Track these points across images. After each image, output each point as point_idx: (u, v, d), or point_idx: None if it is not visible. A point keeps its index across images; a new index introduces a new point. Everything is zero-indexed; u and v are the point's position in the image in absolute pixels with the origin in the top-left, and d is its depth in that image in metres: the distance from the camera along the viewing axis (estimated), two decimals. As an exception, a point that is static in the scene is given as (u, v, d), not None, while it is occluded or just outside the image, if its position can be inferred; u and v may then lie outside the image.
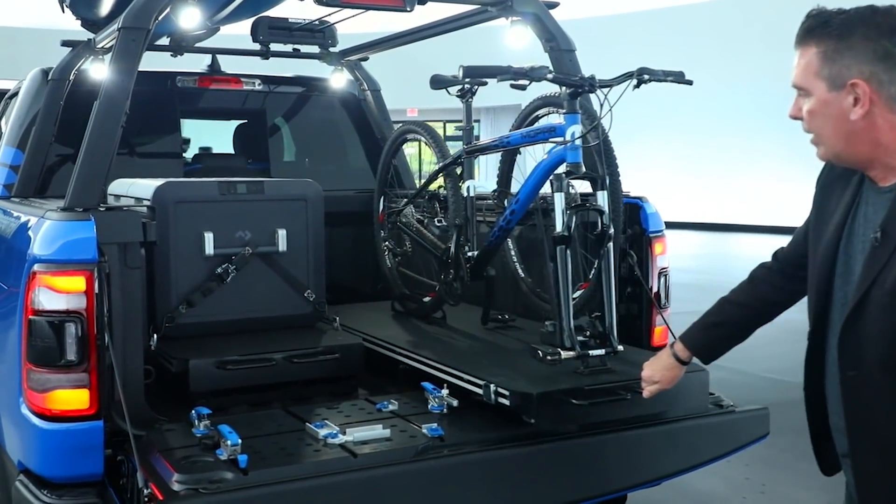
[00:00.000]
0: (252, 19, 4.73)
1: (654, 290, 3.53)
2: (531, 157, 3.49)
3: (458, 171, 3.80)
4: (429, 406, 3.07)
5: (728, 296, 2.46)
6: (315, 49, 5.15)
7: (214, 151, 5.64)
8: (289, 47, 5.09)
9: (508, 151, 3.84)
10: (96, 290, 2.78)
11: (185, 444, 2.75)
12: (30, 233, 2.95)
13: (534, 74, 3.01)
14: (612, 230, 3.00)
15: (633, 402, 2.79)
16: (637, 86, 2.96)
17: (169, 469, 2.57)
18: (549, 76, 3.05)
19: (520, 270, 3.86)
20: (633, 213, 3.53)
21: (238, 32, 5.00)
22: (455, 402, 3.02)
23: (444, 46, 5.51)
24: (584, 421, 2.81)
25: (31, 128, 4.37)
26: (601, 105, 2.91)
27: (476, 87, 3.71)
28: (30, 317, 2.75)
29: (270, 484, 2.50)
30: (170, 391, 3.32)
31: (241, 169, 5.14)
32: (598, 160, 3.09)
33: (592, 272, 3.13)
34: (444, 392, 3.05)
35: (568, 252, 2.93)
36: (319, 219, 3.80)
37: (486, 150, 3.81)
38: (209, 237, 3.57)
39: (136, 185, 3.79)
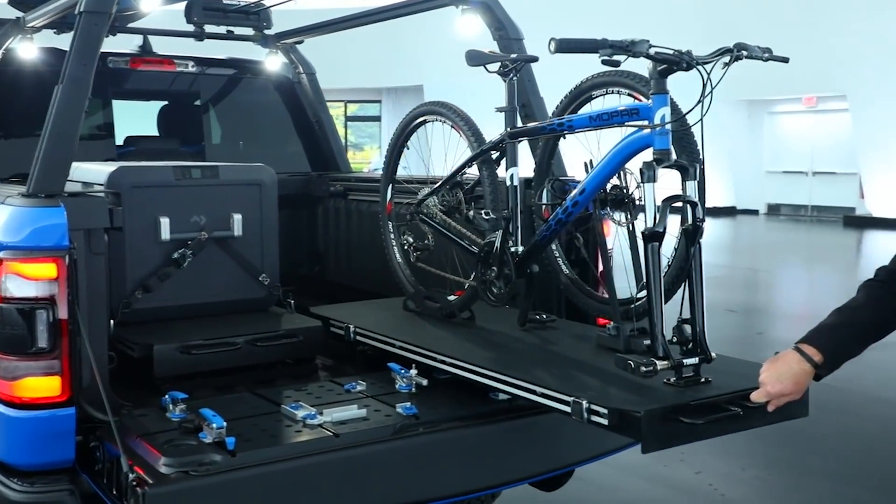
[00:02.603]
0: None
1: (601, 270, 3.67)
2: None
3: (494, 156, 3.48)
4: (396, 386, 3.17)
5: (848, 303, 2.32)
6: (250, 31, 5.13)
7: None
8: (223, 29, 5.05)
9: (550, 137, 3.42)
10: (67, 277, 2.77)
11: (164, 429, 2.78)
12: (-11, 218, 2.90)
13: (635, 48, 2.66)
14: (703, 225, 2.72)
15: (745, 417, 2.48)
16: (730, 62, 2.67)
17: (153, 453, 2.60)
18: (652, 51, 2.70)
19: (563, 265, 3.46)
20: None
21: (171, 12, 4.94)
22: (425, 382, 3.13)
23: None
24: (692, 440, 2.54)
25: None
26: (704, 83, 2.61)
27: (522, 64, 3.43)
28: None
29: (259, 465, 2.56)
30: (131, 377, 3.31)
31: (175, 152, 5.09)
32: (682, 147, 2.78)
33: (666, 270, 2.82)
34: (413, 372, 3.15)
35: (661, 250, 2.66)
36: (273, 203, 3.84)
37: (534, 133, 3.41)
38: (165, 222, 3.57)
39: (82, 170, 3.73)
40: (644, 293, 2.87)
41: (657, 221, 2.64)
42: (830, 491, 4.97)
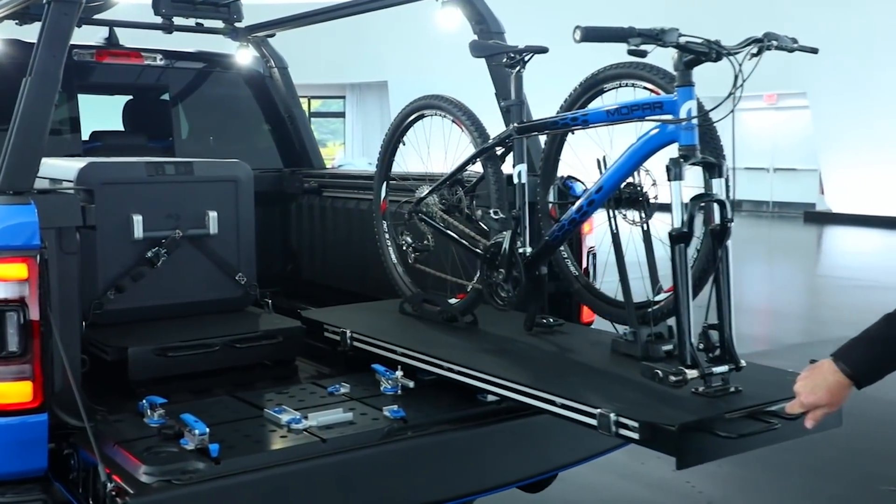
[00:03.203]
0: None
1: (584, 267, 3.62)
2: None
3: (499, 153, 3.34)
4: (381, 388, 3.09)
5: (890, 314, 2.14)
6: (220, 24, 5.01)
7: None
8: (193, 22, 4.92)
9: (558, 133, 3.27)
10: (39, 277, 2.65)
11: (142, 435, 2.68)
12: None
13: (665, 38, 2.52)
14: (731, 226, 2.59)
15: (783, 431, 2.35)
16: (758, 53, 2.56)
17: (132, 461, 2.50)
18: (682, 40, 2.57)
19: (572, 267, 3.31)
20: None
21: (138, 3, 4.81)
22: (411, 384, 3.05)
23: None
24: (727, 454, 2.41)
25: None
26: (736, 75, 2.50)
27: (530, 56, 3.24)
28: None
29: (244, 472, 2.47)
30: (103, 381, 3.20)
31: (143, 147, 4.96)
32: (705, 142, 2.66)
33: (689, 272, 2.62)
34: (399, 374, 3.07)
35: (688, 251, 2.53)
36: (250, 200, 3.74)
37: (543, 128, 3.24)
38: (138, 220, 3.45)
39: (49, 166, 3.58)
40: (661, 296, 2.80)
41: (685, 221, 2.51)
42: (808, 487, 4.98)
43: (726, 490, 4.97)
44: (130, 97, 5.27)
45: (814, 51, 2.70)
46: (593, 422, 2.38)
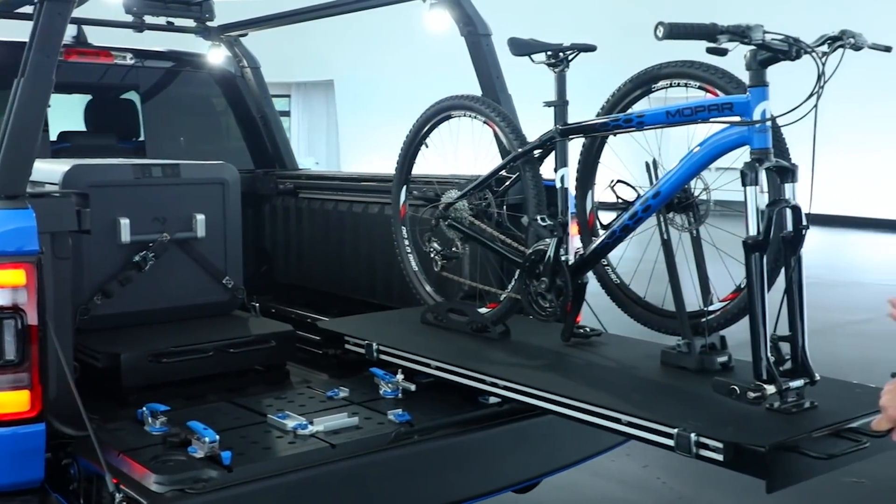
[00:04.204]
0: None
1: None
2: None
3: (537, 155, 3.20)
4: (381, 391, 3.08)
5: None
6: (192, 23, 4.94)
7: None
8: (164, 20, 4.84)
9: (598, 137, 3.12)
10: (37, 283, 2.59)
11: (146, 444, 2.63)
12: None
13: (752, 34, 2.41)
14: (806, 233, 2.48)
15: (870, 449, 2.22)
16: (833, 50, 2.44)
17: (140, 470, 2.46)
18: (768, 37, 2.43)
19: (613, 275, 3.14)
20: (551, 196, 3.64)
21: (107, 2, 4.71)
22: (412, 387, 3.04)
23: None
24: (816, 475, 2.25)
25: None
26: (820, 73, 2.38)
27: (574, 54, 3.07)
28: None
29: (258, 480, 2.45)
30: (93, 388, 3.13)
31: (113, 148, 4.87)
32: (776, 146, 2.54)
33: (744, 280, 2.56)
34: (399, 377, 3.06)
35: (764, 261, 2.42)
36: (237, 203, 3.70)
37: (590, 130, 3.05)
38: (125, 223, 3.40)
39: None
40: (716, 306, 2.74)
41: (761, 229, 2.39)
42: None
43: (695, 485, 5.05)
44: (99, 97, 5.16)
45: (887, 49, 2.55)
46: (670, 442, 2.25)
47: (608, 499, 4.88)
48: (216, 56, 5.08)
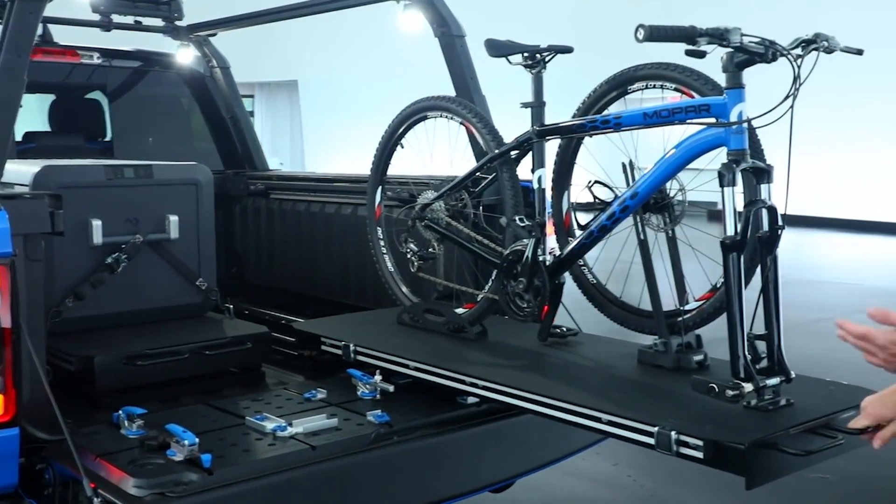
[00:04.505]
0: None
1: None
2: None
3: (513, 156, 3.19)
4: (359, 392, 3.08)
5: None
6: (160, 22, 4.89)
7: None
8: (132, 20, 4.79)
9: (574, 138, 3.14)
10: (11, 286, 2.56)
11: (123, 448, 2.61)
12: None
13: (730, 37, 2.42)
14: (782, 233, 2.51)
15: (846, 446, 2.24)
16: (807, 52, 2.46)
17: (118, 474, 2.43)
18: (745, 39, 2.46)
19: (588, 274, 3.15)
20: (526, 196, 3.66)
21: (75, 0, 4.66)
22: (391, 388, 3.04)
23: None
24: (794, 471, 2.28)
25: None
26: (796, 76, 2.41)
27: (552, 55, 3.06)
28: None
29: (239, 482, 2.43)
30: (65, 392, 3.09)
31: (80, 149, 4.81)
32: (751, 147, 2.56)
33: (721, 280, 2.63)
34: (377, 378, 3.06)
35: (742, 260, 2.44)
36: (210, 204, 3.68)
37: (567, 131, 3.06)
38: (97, 225, 3.36)
39: None
40: (693, 305, 2.76)
41: (739, 229, 2.42)
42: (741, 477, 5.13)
43: (665, 482, 5.09)
44: (65, 97, 5.09)
45: (859, 52, 2.60)
46: (650, 440, 2.27)
47: (581, 498, 4.91)
48: (185, 56, 5.04)
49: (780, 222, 2.49)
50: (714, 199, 2.82)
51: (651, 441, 2.27)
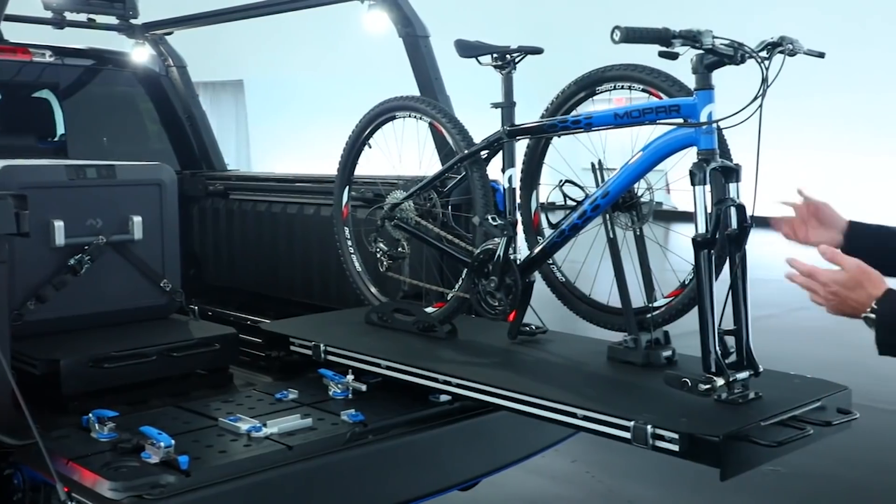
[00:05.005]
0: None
1: None
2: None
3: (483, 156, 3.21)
4: (330, 392, 3.07)
5: None
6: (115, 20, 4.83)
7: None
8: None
9: (543, 137, 3.16)
10: None
11: (95, 451, 2.57)
12: None
13: (702, 39, 2.47)
14: (749, 229, 2.55)
15: (814, 436, 2.33)
16: (773, 55, 2.50)
17: (92, 477, 2.40)
18: (717, 42, 2.50)
19: (557, 272, 3.18)
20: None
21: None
22: (363, 387, 3.04)
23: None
24: (765, 462, 2.34)
25: None
26: (763, 77, 2.46)
27: (522, 56, 3.09)
28: None
29: (216, 483, 2.41)
30: (29, 396, 3.03)
31: (33, 148, 4.72)
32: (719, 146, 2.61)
33: (689, 277, 2.72)
34: (350, 378, 3.06)
35: (713, 257, 2.49)
36: (174, 204, 3.63)
37: (538, 131, 3.09)
38: (59, 226, 3.30)
39: None
40: (661, 302, 2.81)
41: (709, 227, 2.47)
42: (693, 471, 5.17)
43: (623, 478, 5.17)
44: (16, 96, 4.98)
45: (821, 55, 2.65)
46: (626, 434, 2.30)
47: (542, 494, 4.96)
48: (140, 55, 4.97)
49: (748, 220, 2.53)
50: (657, 198, 2.93)
51: (627, 435, 2.30)
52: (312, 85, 20.28)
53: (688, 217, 2.55)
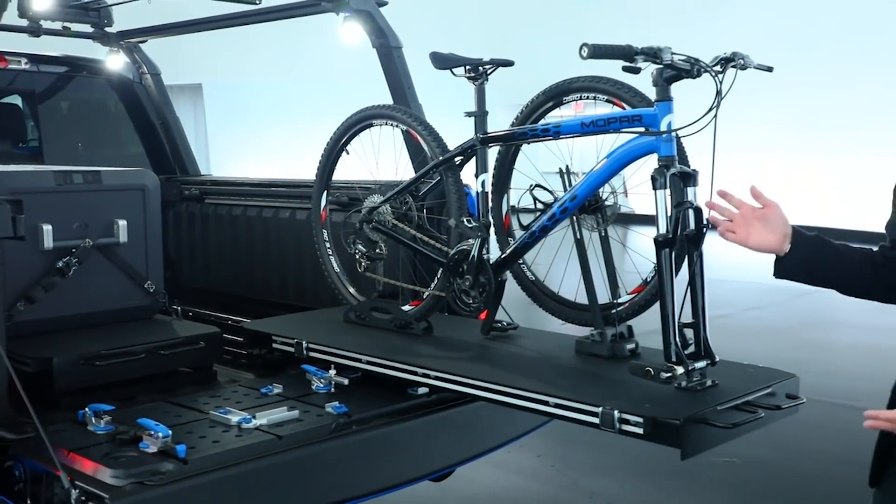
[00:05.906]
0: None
1: None
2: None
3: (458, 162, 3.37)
4: (313, 387, 3.23)
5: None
6: (90, 28, 4.92)
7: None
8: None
9: (513, 144, 3.33)
10: None
11: (94, 443, 2.70)
12: None
13: (662, 55, 2.64)
14: (706, 230, 2.71)
15: (765, 419, 2.54)
16: (725, 69, 2.67)
17: (94, 467, 2.53)
18: (675, 57, 2.67)
19: (527, 271, 3.35)
20: None
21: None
22: (346, 381, 3.20)
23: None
24: (721, 443, 2.51)
25: None
26: (718, 90, 2.64)
27: (493, 68, 3.24)
28: None
29: (212, 471, 2.56)
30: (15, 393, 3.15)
31: (8, 154, 4.80)
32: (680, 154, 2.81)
33: (651, 275, 2.92)
34: (332, 372, 3.22)
35: (673, 256, 2.67)
36: (157, 208, 3.76)
37: (510, 139, 3.25)
38: (47, 230, 3.41)
39: None
40: (625, 298, 3.01)
41: (670, 228, 2.65)
42: (647, 462, 5.25)
43: (587, 471, 5.32)
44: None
45: (769, 69, 2.80)
46: (595, 420, 2.47)
47: (509, 488, 5.12)
48: (115, 62, 5.07)
49: (705, 222, 2.68)
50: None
51: (596, 420, 2.48)
52: (271, 89, 20.26)
53: (646, 219, 2.76)
